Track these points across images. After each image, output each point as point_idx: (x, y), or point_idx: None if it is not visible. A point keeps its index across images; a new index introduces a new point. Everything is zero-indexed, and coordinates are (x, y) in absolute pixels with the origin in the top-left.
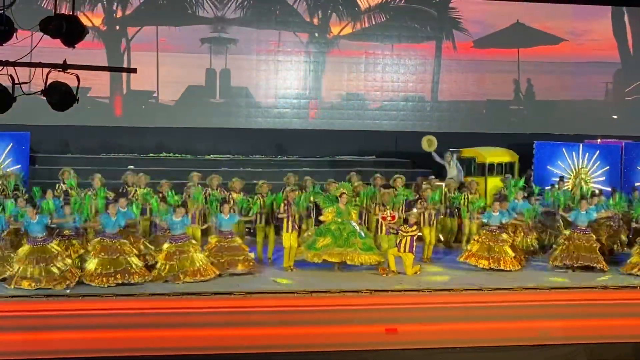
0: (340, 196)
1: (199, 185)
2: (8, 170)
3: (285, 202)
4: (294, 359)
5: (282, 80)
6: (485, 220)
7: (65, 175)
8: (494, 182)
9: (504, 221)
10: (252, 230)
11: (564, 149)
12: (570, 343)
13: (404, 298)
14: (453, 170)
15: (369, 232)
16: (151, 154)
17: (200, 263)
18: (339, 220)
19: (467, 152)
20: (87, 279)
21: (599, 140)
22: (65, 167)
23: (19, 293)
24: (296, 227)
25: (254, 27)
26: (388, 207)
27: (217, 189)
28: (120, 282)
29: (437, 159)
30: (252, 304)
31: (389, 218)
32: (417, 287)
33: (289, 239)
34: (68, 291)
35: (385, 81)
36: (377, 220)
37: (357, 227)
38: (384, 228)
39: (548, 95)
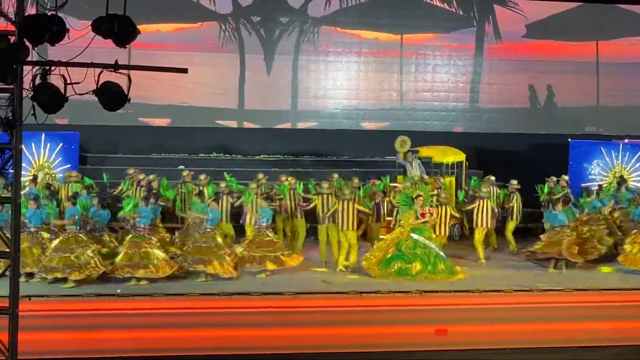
0: (416, 198)
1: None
2: (72, 172)
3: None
4: (343, 359)
5: (332, 81)
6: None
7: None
8: (448, 181)
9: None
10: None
11: (602, 148)
12: (620, 345)
13: (453, 299)
14: (415, 170)
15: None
16: (201, 154)
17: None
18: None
19: (424, 152)
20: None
21: (626, 140)
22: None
23: (70, 292)
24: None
25: (305, 28)
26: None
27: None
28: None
29: (400, 160)
30: (301, 304)
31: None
32: (467, 287)
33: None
34: (119, 290)
35: (436, 82)
36: None
37: (434, 246)
38: None
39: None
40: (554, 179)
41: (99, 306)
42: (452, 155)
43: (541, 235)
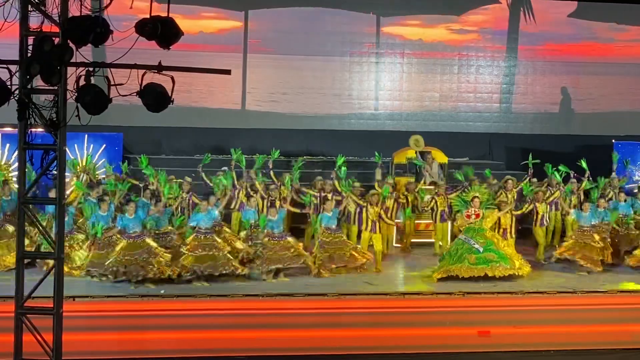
0: (472, 200)
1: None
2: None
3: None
4: None
5: (374, 82)
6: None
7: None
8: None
9: (594, 222)
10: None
11: None
12: None
13: (496, 300)
14: (434, 172)
15: None
16: (244, 155)
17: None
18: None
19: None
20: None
21: None
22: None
23: (114, 293)
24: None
25: (346, 28)
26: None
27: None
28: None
29: (413, 160)
30: (344, 305)
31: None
32: (510, 289)
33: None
34: (162, 291)
35: (479, 83)
36: None
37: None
38: None
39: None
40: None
41: (143, 307)
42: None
43: (570, 235)
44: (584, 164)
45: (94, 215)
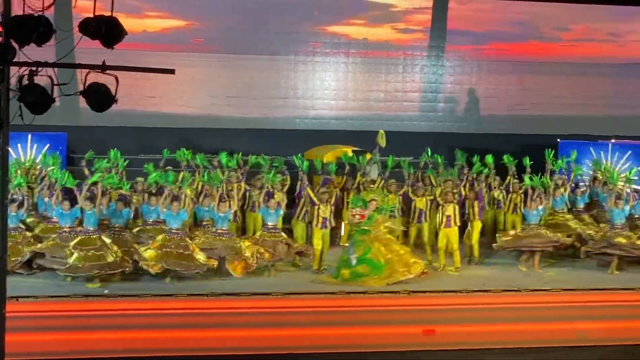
0: (370, 202)
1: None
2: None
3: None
4: (330, 359)
5: (320, 82)
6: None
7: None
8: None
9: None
10: None
11: (591, 148)
12: (608, 345)
13: (441, 299)
14: (374, 171)
15: None
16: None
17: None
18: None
19: (309, 155)
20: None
21: (612, 140)
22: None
23: (58, 293)
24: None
25: (291, 28)
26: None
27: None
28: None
29: (375, 158)
30: (290, 305)
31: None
32: (454, 287)
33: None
34: (106, 291)
35: (424, 82)
36: None
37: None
38: None
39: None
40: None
41: (87, 307)
42: (337, 153)
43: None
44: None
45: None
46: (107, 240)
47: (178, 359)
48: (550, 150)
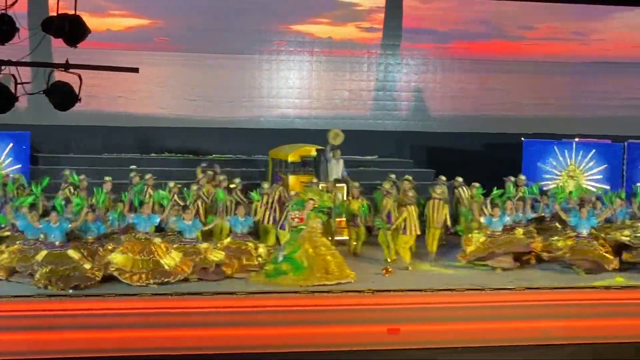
0: (307, 201)
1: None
2: (10, 172)
3: None
4: (295, 358)
5: (284, 80)
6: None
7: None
8: (298, 179)
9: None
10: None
11: (555, 147)
12: (574, 343)
13: (406, 298)
14: (338, 170)
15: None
16: (154, 154)
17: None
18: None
19: (274, 154)
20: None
21: (576, 139)
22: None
23: (21, 292)
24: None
25: (256, 26)
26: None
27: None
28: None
29: (327, 155)
30: (254, 304)
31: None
32: (419, 286)
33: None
34: (70, 291)
35: (388, 81)
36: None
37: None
38: None
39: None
40: (512, 178)
41: (51, 307)
42: (301, 152)
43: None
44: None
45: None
46: (76, 257)
47: (142, 358)
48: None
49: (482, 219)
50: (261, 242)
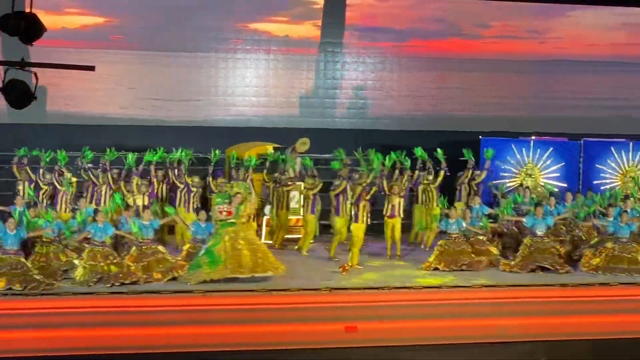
0: (234, 195)
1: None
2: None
3: None
4: (253, 357)
5: (241, 79)
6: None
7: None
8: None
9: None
10: None
11: (513, 145)
12: (529, 340)
13: (363, 296)
14: (297, 165)
15: None
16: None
17: None
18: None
19: (231, 152)
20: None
21: (533, 137)
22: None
23: None
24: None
25: (212, 24)
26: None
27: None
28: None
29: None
30: (211, 302)
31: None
32: (376, 284)
33: None
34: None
35: (345, 79)
36: None
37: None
38: None
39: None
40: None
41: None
42: (258, 150)
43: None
44: (440, 155)
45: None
46: (29, 264)
47: (97, 357)
48: (469, 149)
49: (440, 223)
50: None
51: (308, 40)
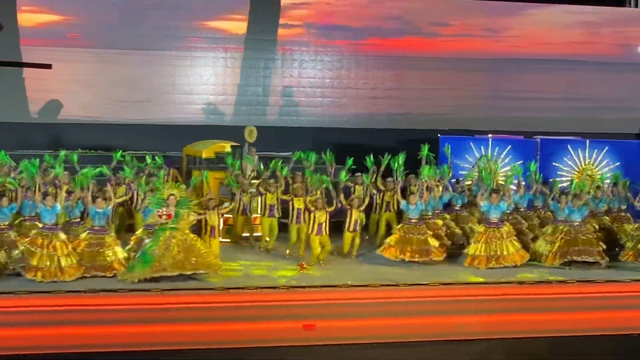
0: (168, 198)
1: None
2: None
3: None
4: (211, 355)
5: (199, 77)
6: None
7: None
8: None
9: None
10: None
11: (471, 143)
12: (488, 338)
13: (321, 294)
14: (253, 163)
15: None
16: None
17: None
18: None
19: (188, 150)
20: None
21: (489, 135)
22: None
23: None
24: None
25: (170, 23)
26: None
27: None
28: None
29: (246, 151)
30: (168, 301)
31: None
32: (334, 282)
33: None
34: None
35: (302, 77)
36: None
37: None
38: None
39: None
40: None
41: None
42: (215, 148)
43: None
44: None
45: None
46: None
47: (55, 356)
48: (426, 144)
49: (401, 205)
50: None
51: (266, 38)
